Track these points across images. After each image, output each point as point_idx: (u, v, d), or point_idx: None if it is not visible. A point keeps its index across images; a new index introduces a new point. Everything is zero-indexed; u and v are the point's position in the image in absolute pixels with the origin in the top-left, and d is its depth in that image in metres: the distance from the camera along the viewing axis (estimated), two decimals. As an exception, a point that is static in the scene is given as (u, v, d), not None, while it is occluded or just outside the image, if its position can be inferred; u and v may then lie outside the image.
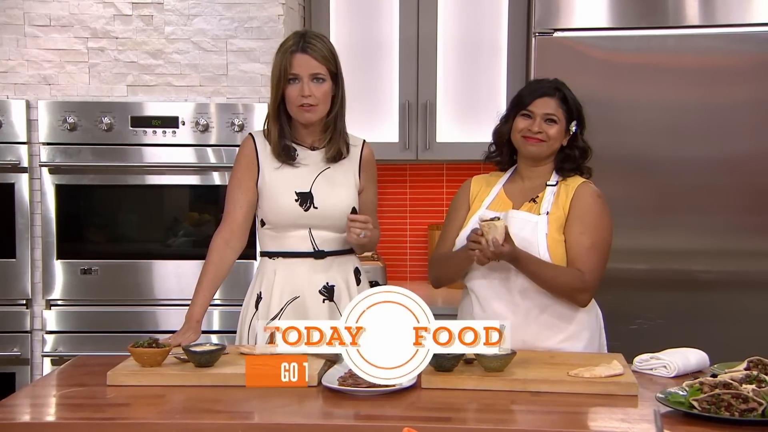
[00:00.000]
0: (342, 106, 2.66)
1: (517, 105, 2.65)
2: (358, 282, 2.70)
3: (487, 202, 2.70)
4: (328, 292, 2.66)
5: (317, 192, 2.63)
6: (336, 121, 2.64)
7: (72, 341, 3.39)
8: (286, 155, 2.63)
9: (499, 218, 2.49)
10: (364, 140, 2.73)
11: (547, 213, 2.58)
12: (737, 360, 2.33)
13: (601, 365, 2.25)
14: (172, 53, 3.38)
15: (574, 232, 2.55)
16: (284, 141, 2.63)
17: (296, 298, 2.64)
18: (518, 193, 2.67)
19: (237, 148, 3.31)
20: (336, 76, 2.61)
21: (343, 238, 2.63)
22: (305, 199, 2.64)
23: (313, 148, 2.66)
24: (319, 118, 2.60)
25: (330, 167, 2.65)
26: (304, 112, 2.57)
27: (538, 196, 2.62)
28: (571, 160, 2.65)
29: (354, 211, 2.64)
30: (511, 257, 2.50)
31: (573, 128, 2.63)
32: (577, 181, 2.63)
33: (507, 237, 2.47)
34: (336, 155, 2.64)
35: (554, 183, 2.63)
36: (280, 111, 2.61)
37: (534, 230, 2.56)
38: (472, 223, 2.65)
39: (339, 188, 2.64)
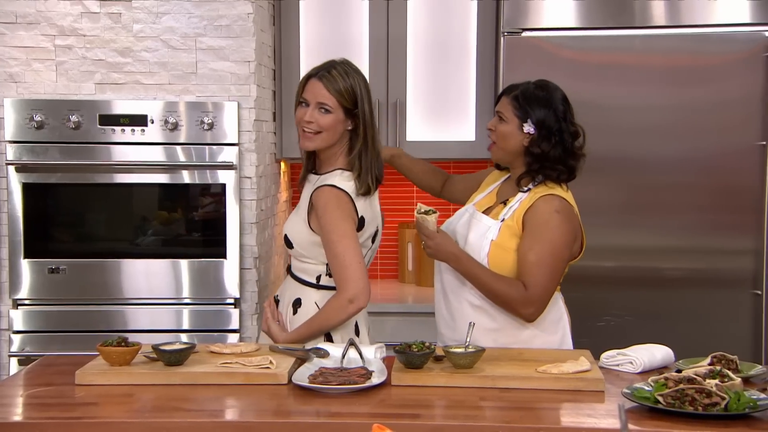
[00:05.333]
0: (365, 143, 2.57)
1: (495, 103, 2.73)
2: (294, 312, 2.60)
3: (480, 197, 2.75)
4: (276, 303, 2.71)
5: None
6: (360, 159, 2.57)
7: (39, 341, 3.37)
8: (300, 185, 2.68)
9: (433, 211, 2.54)
10: (325, 185, 2.53)
11: (503, 220, 2.58)
12: (701, 356, 2.37)
13: (569, 361, 2.29)
14: (141, 51, 3.37)
15: (523, 246, 2.53)
16: (307, 173, 2.67)
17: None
18: (503, 192, 2.70)
19: (207, 147, 3.34)
20: (351, 113, 2.56)
21: (296, 263, 2.65)
22: None
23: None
24: (316, 148, 2.58)
25: (303, 194, 2.66)
26: (303, 138, 2.57)
27: (509, 199, 2.63)
28: (526, 165, 2.61)
29: (286, 239, 2.62)
30: (447, 255, 2.55)
31: (526, 128, 2.58)
32: (542, 191, 2.58)
33: (441, 234, 2.53)
34: (365, 191, 2.58)
35: (525, 189, 2.61)
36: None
37: (483, 234, 2.58)
38: (457, 213, 2.74)
39: (293, 213, 2.66)
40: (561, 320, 2.68)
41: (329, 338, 2.57)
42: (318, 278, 2.60)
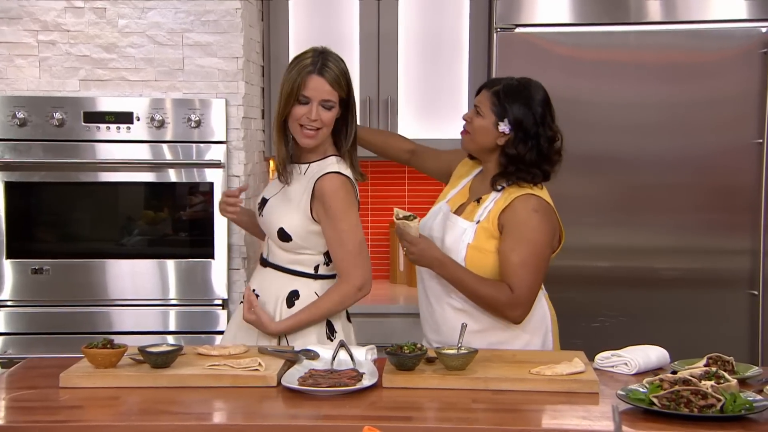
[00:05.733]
0: (355, 133, 2.63)
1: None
2: (290, 305, 2.62)
3: (452, 193, 2.75)
4: None
5: (270, 201, 2.68)
6: (351, 145, 2.62)
7: (22, 343, 3.36)
8: (284, 177, 2.64)
9: (414, 217, 2.53)
10: (331, 172, 2.56)
11: (478, 222, 2.59)
12: (697, 357, 2.38)
13: (563, 363, 2.30)
14: (126, 47, 3.36)
15: (505, 248, 2.54)
16: (287, 163, 2.63)
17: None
18: (477, 188, 2.71)
19: (194, 145, 3.34)
20: (346, 102, 2.59)
21: (287, 256, 2.63)
22: (262, 205, 2.71)
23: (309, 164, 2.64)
24: (318, 144, 2.59)
25: (291, 183, 2.64)
26: (304, 137, 2.56)
27: (482, 197, 2.64)
28: (499, 165, 2.62)
29: (282, 233, 2.59)
30: (431, 261, 2.55)
31: (501, 127, 2.58)
32: (517, 191, 2.58)
33: (424, 240, 2.53)
34: (359, 177, 2.64)
35: (500, 188, 2.61)
36: (286, 128, 2.60)
37: (459, 237, 2.59)
38: (431, 211, 2.74)
39: (281, 205, 2.63)
40: (544, 319, 2.69)
41: (330, 327, 2.60)
42: (316, 268, 2.61)
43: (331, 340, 2.59)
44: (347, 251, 2.54)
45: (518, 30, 3.46)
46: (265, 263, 2.70)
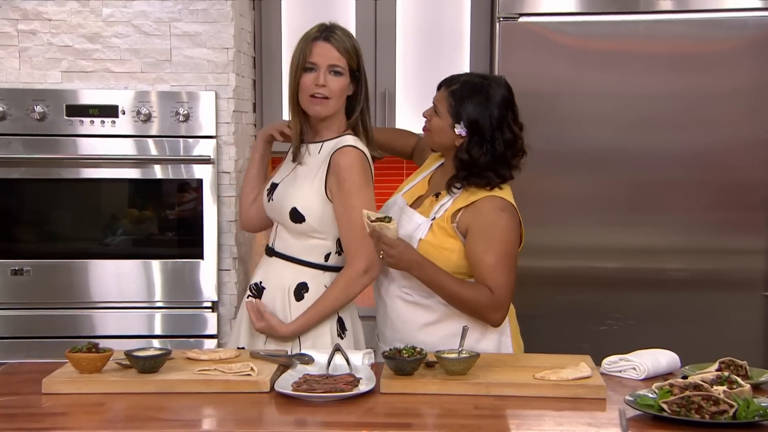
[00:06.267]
0: (366, 107, 2.70)
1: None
2: (299, 298, 2.66)
3: (411, 184, 2.81)
4: (257, 291, 2.73)
5: (281, 184, 2.71)
6: (363, 124, 2.68)
7: (2, 347, 3.37)
8: (298, 156, 2.70)
9: (389, 218, 2.54)
10: (348, 146, 2.62)
11: (434, 218, 2.64)
12: (709, 361, 2.40)
13: (568, 367, 2.31)
14: (111, 37, 3.37)
15: (477, 251, 2.59)
16: (301, 141, 2.69)
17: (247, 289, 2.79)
18: (436, 182, 2.77)
19: (182, 140, 3.35)
20: (356, 75, 2.64)
21: (296, 243, 2.66)
22: (271, 190, 2.75)
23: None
24: (328, 114, 2.63)
25: (303, 163, 2.68)
26: (314, 105, 2.60)
27: (441, 193, 2.70)
28: (457, 170, 2.65)
29: (295, 213, 2.62)
30: (410, 264, 2.56)
31: (457, 129, 2.62)
32: (479, 192, 2.63)
33: (402, 243, 2.55)
34: (376, 157, 2.72)
35: (459, 186, 2.65)
36: (299, 106, 2.65)
37: (412, 232, 2.63)
38: (386, 204, 2.81)
39: (294, 185, 2.67)
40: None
41: (341, 325, 2.64)
42: (327, 257, 2.65)
43: (342, 338, 2.63)
44: (354, 231, 2.57)
45: (522, 19, 3.47)
46: (271, 252, 2.72)
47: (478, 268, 2.59)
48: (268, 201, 2.74)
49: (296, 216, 2.62)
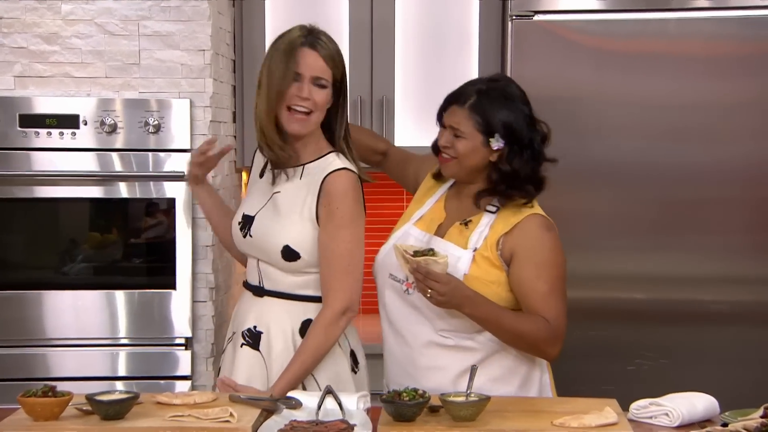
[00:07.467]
0: (346, 121, 2.68)
1: (439, 110, 2.74)
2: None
3: (422, 212, 2.78)
4: (251, 338, 2.70)
5: (259, 217, 2.70)
6: (347, 140, 2.68)
7: (-56, 392, 3.36)
8: (274, 177, 2.68)
9: (432, 251, 2.53)
10: (342, 169, 2.61)
11: (476, 249, 2.63)
12: (751, 407, 2.39)
13: (592, 413, 2.31)
14: (71, 37, 3.39)
15: (527, 278, 2.59)
16: (277, 163, 2.67)
17: (233, 335, 2.76)
18: (455, 207, 2.74)
19: (151, 154, 3.36)
20: (339, 86, 2.63)
21: (291, 279, 2.66)
22: (246, 224, 2.72)
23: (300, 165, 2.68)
24: (308, 131, 2.62)
25: (281, 190, 2.67)
26: (294, 121, 2.59)
27: (471, 220, 2.67)
28: (493, 183, 2.66)
29: (289, 251, 2.62)
30: (461, 301, 2.54)
31: (494, 145, 2.61)
32: (520, 212, 2.63)
33: (453, 278, 2.53)
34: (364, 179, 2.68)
35: (494, 210, 2.65)
36: (278, 121, 2.62)
37: (453, 266, 2.60)
38: (397, 237, 2.74)
39: (279, 218, 2.65)
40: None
41: (354, 358, 2.68)
42: None
43: (356, 372, 2.66)
44: (339, 266, 2.58)
45: (537, 18, 3.50)
46: (261, 292, 2.71)
47: (529, 297, 2.59)
48: (243, 237, 2.72)
49: (290, 254, 2.62)
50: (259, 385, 2.64)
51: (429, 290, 2.51)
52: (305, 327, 2.64)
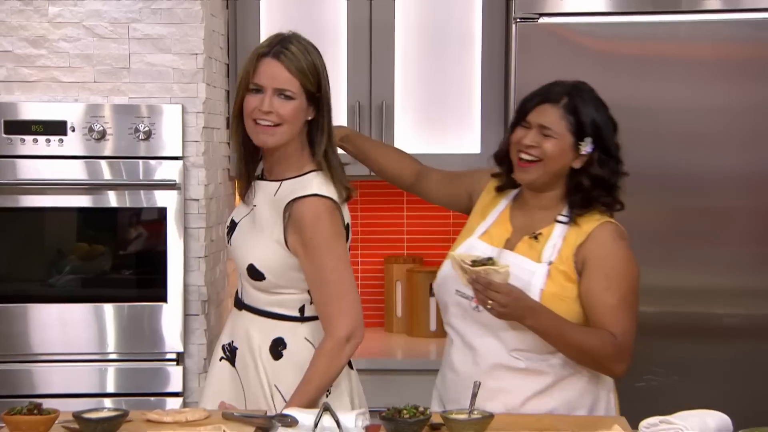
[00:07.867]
0: (329, 136, 2.65)
1: (519, 111, 2.72)
2: (277, 357, 2.64)
3: (486, 226, 2.75)
4: (230, 353, 2.72)
5: (239, 227, 2.72)
6: (328, 156, 2.63)
7: (-75, 409, 3.37)
8: (248, 196, 2.69)
9: (492, 259, 2.53)
10: (309, 195, 2.56)
11: (550, 263, 2.61)
12: (767, 425, 2.39)
13: (599, 431, 2.31)
14: (59, 40, 3.39)
15: (596, 289, 2.58)
16: (249, 177, 2.68)
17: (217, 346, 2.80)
18: (521, 220, 2.71)
19: (141, 161, 3.37)
20: (315, 98, 2.60)
21: (263, 296, 2.66)
22: (231, 230, 2.75)
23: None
24: (279, 143, 2.60)
25: (258, 204, 2.67)
26: (259, 132, 2.58)
27: (541, 232, 2.65)
28: (581, 190, 2.65)
29: (253, 270, 2.61)
30: (524, 312, 2.52)
31: (584, 149, 2.62)
32: (593, 220, 2.63)
33: (516, 288, 2.51)
34: (346, 196, 2.66)
35: (566, 220, 2.65)
36: (244, 132, 2.63)
37: (527, 281, 2.58)
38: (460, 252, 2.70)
39: (252, 234, 2.66)
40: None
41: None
42: (302, 309, 2.64)
43: (351, 368, 2.70)
44: (331, 294, 2.56)
45: (542, 20, 3.50)
46: (240, 305, 2.72)
47: (596, 309, 2.58)
48: (228, 242, 2.76)
49: (255, 273, 2.62)
50: (232, 401, 2.65)
51: (489, 301, 2.50)
52: (276, 345, 2.63)
